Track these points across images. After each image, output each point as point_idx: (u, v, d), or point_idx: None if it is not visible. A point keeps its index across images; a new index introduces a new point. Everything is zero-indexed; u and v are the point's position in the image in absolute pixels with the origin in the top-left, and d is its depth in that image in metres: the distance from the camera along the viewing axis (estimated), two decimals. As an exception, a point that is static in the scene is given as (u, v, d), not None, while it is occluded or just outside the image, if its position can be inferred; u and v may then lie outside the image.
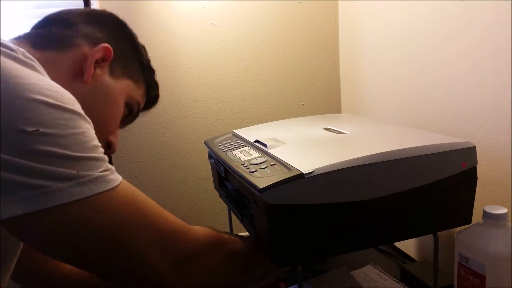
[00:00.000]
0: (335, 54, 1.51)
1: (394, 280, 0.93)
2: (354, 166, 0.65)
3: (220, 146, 0.91)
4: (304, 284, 0.90)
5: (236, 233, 1.19)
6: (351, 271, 0.98)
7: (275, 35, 1.44)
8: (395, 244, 1.13)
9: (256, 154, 0.78)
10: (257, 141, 0.85)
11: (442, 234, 0.79)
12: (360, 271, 0.98)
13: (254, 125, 1.10)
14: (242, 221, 0.82)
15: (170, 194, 1.43)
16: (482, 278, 0.69)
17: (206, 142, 0.99)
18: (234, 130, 1.02)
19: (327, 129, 0.90)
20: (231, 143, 0.90)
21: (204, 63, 1.40)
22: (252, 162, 0.73)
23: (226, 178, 0.87)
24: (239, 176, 0.70)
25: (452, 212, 0.76)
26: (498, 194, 0.87)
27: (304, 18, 1.45)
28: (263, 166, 0.69)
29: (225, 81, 1.42)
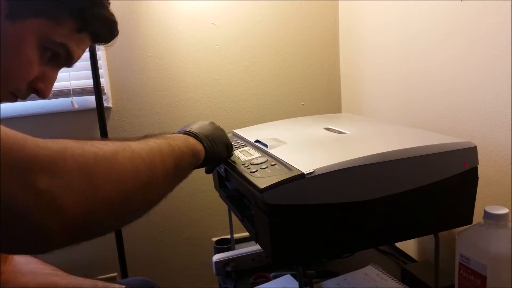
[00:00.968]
0: (335, 54, 1.51)
1: (394, 280, 0.93)
2: (355, 166, 0.65)
3: (220, 146, 0.91)
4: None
5: (236, 233, 1.19)
6: (352, 272, 0.98)
7: (275, 35, 1.44)
8: (396, 244, 1.13)
9: (256, 154, 0.78)
10: (257, 141, 0.85)
11: (442, 234, 0.79)
12: (360, 272, 0.98)
13: (254, 125, 1.10)
14: (242, 221, 0.81)
15: (170, 194, 1.43)
16: (483, 278, 0.69)
17: (206, 142, 0.99)
18: (234, 130, 1.02)
19: (328, 129, 0.90)
20: (232, 143, 0.90)
21: (204, 63, 1.39)
22: (252, 162, 0.73)
23: (226, 178, 0.86)
24: (240, 176, 0.70)
25: (453, 212, 0.75)
26: (499, 194, 0.87)
27: (304, 18, 1.45)
28: (264, 166, 0.69)
29: (225, 81, 1.42)
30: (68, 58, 0.63)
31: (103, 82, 1.32)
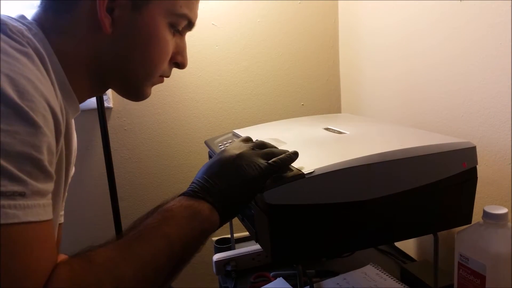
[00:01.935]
0: (335, 54, 1.51)
1: (394, 280, 0.93)
2: (355, 166, 0.65)
3: (220, 146, 0.91)
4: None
5: (236, 233, 1.19)
6: (351, 271, 0.98)
7: (275, 35, 1.44)
8: (395, 244, 1.13)
9: (256, 154, 0.77)
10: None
11: (442, 234, 0.79)
12: (360, 271, 0.98)
13: (254, 125, 1.10)
14: (242, 221, 0.82)
15: (170, 194, 1.43)
16: (482, 278, 0.69)
17: (206, 142, 0.99)
18: (234, 130, 1.03)
19: (327, 129, 0.90)
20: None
21: (204, 63, 1.40)
22: (252, 162, 0.73)
23: (226, 178, 0.86)
24: (240, 176, 0.70)
25: (452, 212, 0.76)
26: (498, 194, 0.87)
27: (304, 18, 1.45)
28: (264, 166, 0.69)
29: (225, 81, 1.42)
30: (190, 25, 0.65)
31: (104, 82, 1.32)
